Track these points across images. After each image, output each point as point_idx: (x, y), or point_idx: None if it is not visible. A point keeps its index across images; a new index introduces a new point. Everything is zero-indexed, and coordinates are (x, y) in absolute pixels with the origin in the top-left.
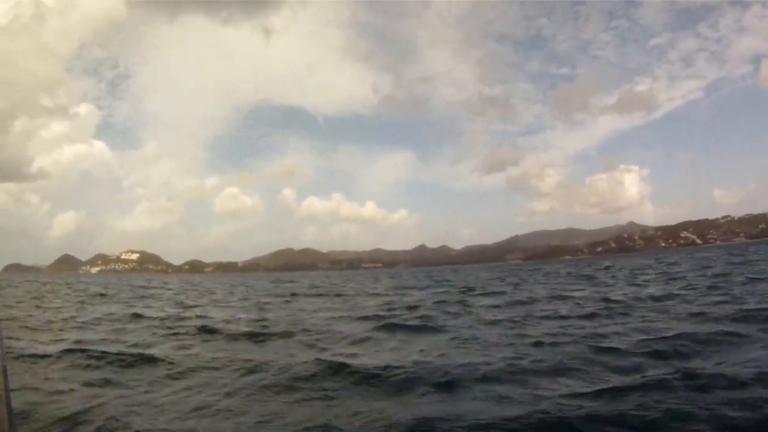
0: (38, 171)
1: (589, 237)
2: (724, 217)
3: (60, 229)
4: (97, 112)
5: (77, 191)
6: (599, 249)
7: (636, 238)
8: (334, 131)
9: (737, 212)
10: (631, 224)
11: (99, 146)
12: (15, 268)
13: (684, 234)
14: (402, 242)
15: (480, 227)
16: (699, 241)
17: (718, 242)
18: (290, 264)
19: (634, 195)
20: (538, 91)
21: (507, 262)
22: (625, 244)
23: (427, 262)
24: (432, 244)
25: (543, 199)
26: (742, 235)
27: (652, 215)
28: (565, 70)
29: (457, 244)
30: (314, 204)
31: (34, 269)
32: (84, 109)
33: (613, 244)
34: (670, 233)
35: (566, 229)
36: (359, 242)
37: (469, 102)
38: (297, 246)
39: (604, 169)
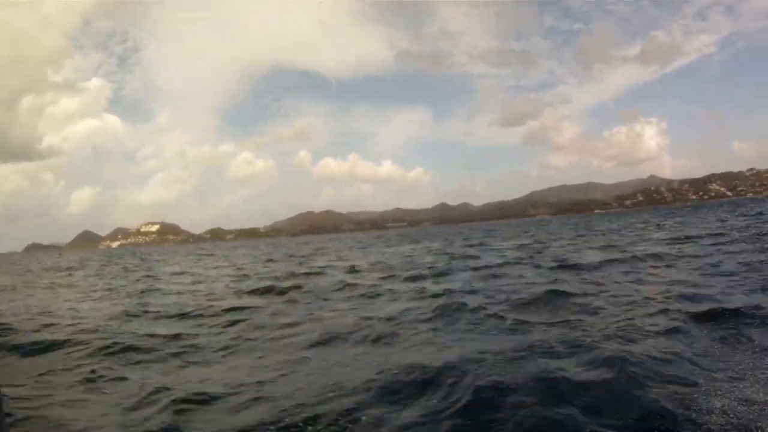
0: (49, 148)
1: (609, 191)
2: (749, 170)
3: (77, 206)
4: (108, 86)
5: (91, 166)
6: (628, 202)
7: (663, 190)
8: (347, 92)
9: (757, 165)
10: (652, 177)
11: (111, 120)
12: (35, 248)
13: (713, 186)
14: (420, 200)
15: (496, 183)
16: (729, 194)
17: (750, 195)
18: (313, 227)
19: (652, 148)
20: (552, 46)
21: (534, 218)
22: (653, 198)
23: (451, 220)
24: (450, 201)
25: (559, 153)
26: None
27: (669, 168)
28: (578, 25)
29: (476, 201)
30: (330, 165)
31: (54, 248)
32: (95, 83)
33: (641, 197)
34: (698, 186)
35: (585, 184)
36: (377, 202)
37: (486, 54)
38: (316, 208)
39: (622, 122)
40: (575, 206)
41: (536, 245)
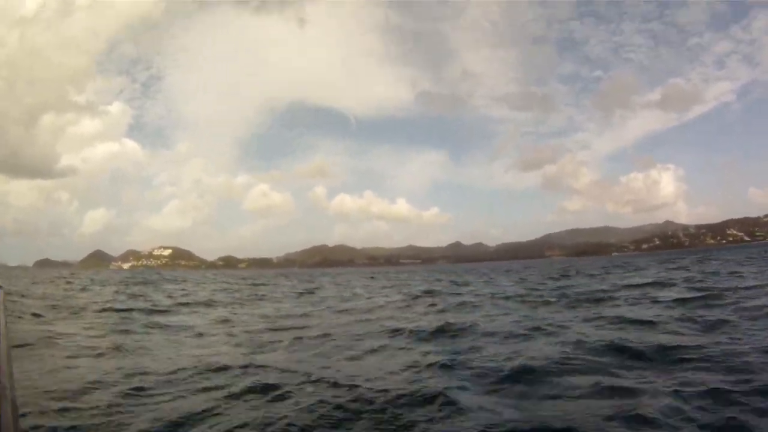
0: (66, 168)
1: (624, 235)
2: (766, 216)
3: (90, 226)
4: (130, 112)
5: (107, 188)
6: (645, 246)
7: (680, 235)
8: (366, 131)
9: None
10: (668, 222)
11: (130, 145)
12: (46, 263)
13: (731, 231)
14: (435, 239)
15: (511, 226)
16: (747, 239)
17: None
18: (326, 260)
19: (669, 194)
20: (571, 93)
21: (548, 259)
22: (670, 242)
23: (465, 259)
24: (465, 241)
25: (576, 197)
26: None
27: (685, 214)
28: (598, 72)
29: (490, 242)
30: (345, 201)
31: (65, 264)
32: (116, 107)
33: (658, 242)
34: (716, 231)
35: (601, 227)
36: (390, 240)
37: (507, 98)
38: (330, 242)
39: (639, 168)
40: (591, 248)
41: None
